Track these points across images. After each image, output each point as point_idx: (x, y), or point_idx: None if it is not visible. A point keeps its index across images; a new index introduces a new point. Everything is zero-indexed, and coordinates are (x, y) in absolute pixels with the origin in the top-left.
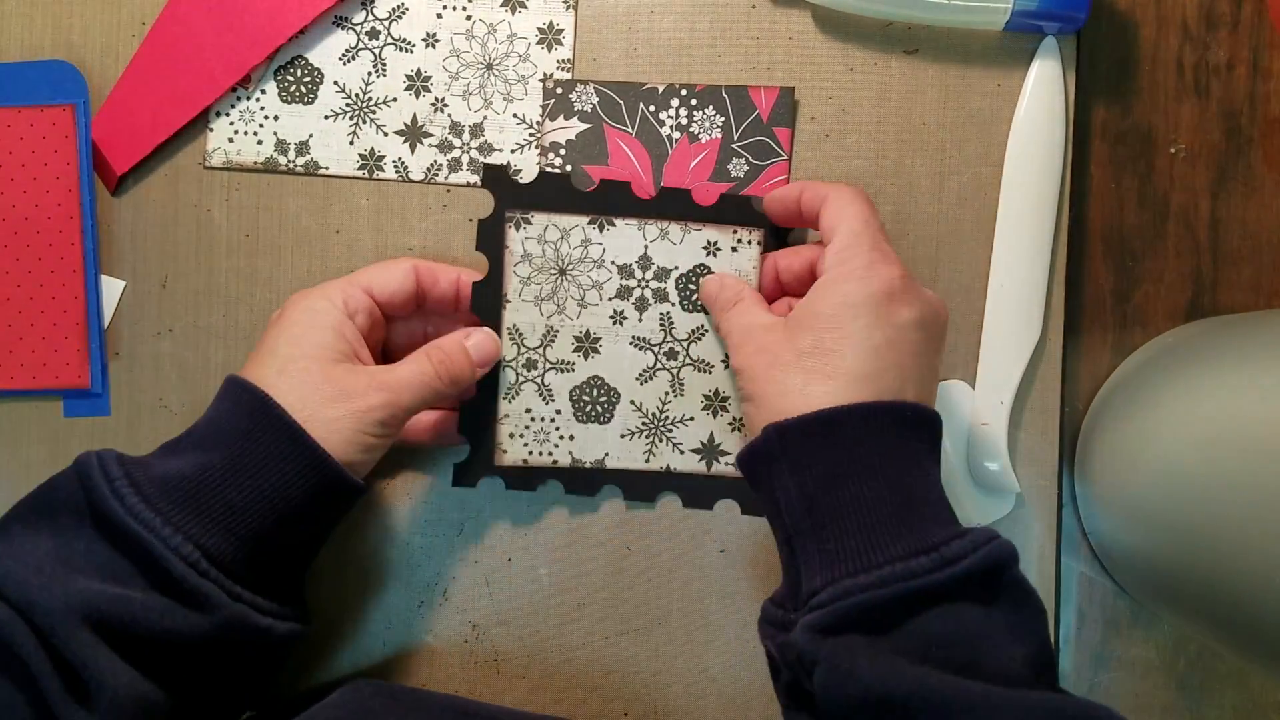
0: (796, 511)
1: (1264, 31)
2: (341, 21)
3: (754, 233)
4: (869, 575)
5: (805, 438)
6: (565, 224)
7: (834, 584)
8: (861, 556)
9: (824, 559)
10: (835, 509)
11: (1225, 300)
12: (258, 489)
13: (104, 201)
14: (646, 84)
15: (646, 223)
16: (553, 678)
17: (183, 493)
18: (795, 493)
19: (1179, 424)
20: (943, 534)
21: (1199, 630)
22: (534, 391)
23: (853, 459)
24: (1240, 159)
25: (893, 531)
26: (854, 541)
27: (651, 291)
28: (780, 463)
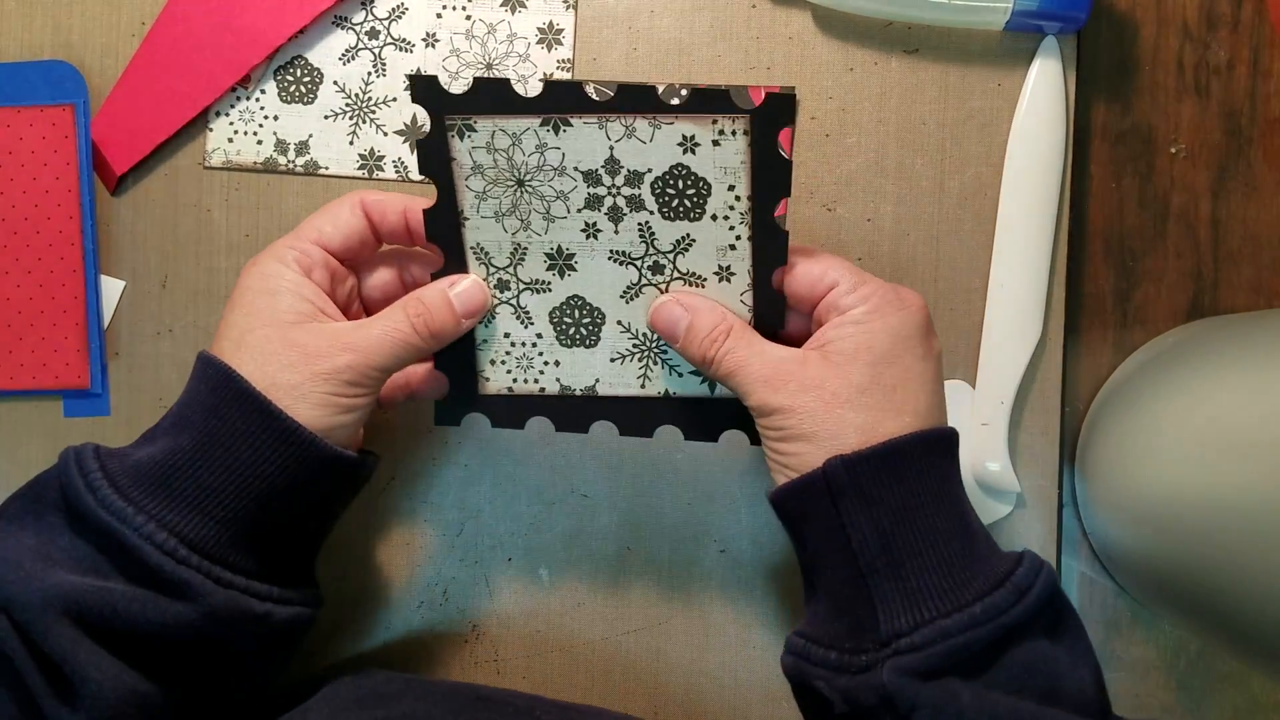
0: (872, 549)
1: (1264, 31)
2: (341, 21)
3: (737, 121)
4: (962, 615)
5: (876, 471)
6: (514, 128)
7: (925, 625)
8: (949, 596)
9: (908, 599)
10: (912, 545)
11: (1226, 300)
12: (230, 467)
13: (104, 201)
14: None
15: (608, 119)
16: (553, 678)
17: (155, 479)
18: (870, 529)
19: (1179, 424)
20: (1004, 563)
21: (1199, 631)
22: (510, 314)
23: (923, 491)
24: (1240, 159)
25: (969, 565)
26: (936, 578)
27: (625, 199)
28: (850, 498)
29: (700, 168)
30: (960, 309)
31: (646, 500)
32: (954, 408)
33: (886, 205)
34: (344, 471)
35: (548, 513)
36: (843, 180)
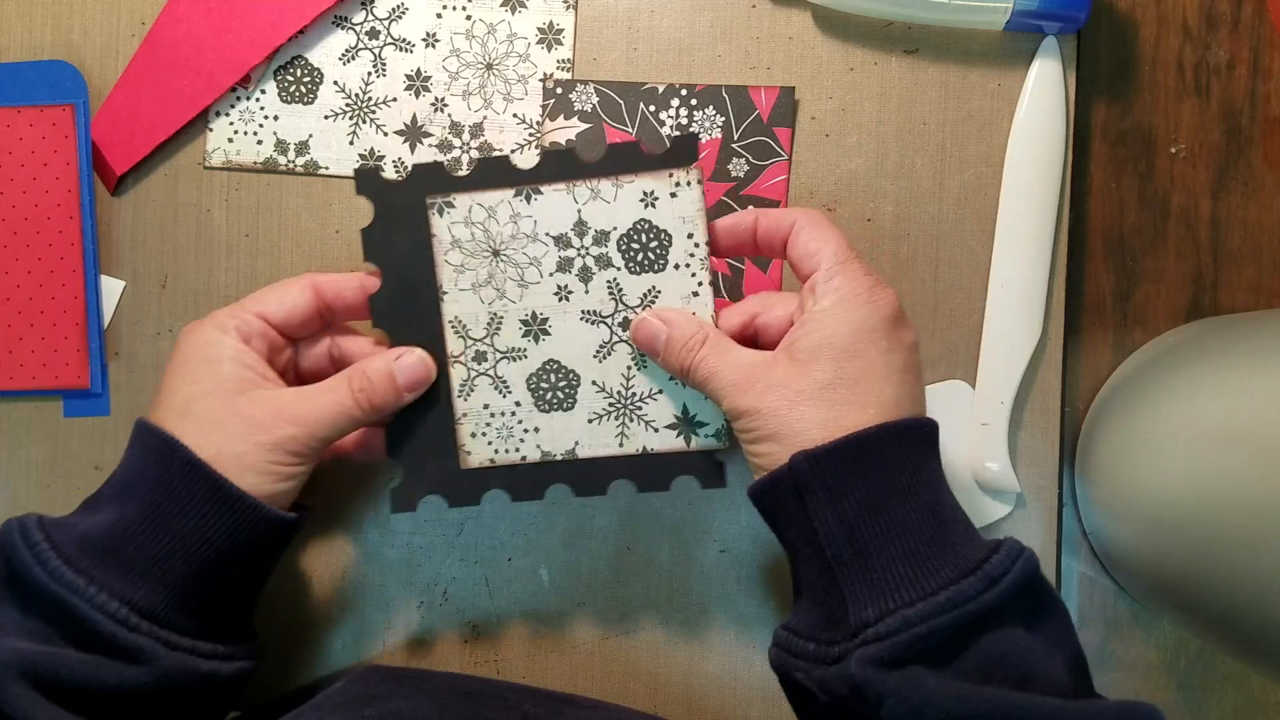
0: (838, 541)
1: (1264, 31)
2: (341, 21)
3: (691, 172)
4: (926, 603)
5: (841, 465)
6: (490, 201)
7: (890, 615)
8: (914, 585)
9: (874, 589)
10: (879, 536)
11: (1225, 300)
12: (178, 536)
13: (104, 201)
14: (646, 84)
15: (575, 185)
16: (553, 678)
17: (103, 549)
18: (835, 522)
19: (1179, 424)
20: (978, 551)
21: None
22: (489, 385)
23: (890, 482)
24: (1240, 159)
25: (938, 555)
26: (903, 568)
27: (594, 259)
28: (816, 493)
29: (660, 220)
30: (960, 309)
31: (646, 500)
32: (954, 407)
33: (886, 205)
34: (285, 533)
35: (547, 513)
36: (843, 180)
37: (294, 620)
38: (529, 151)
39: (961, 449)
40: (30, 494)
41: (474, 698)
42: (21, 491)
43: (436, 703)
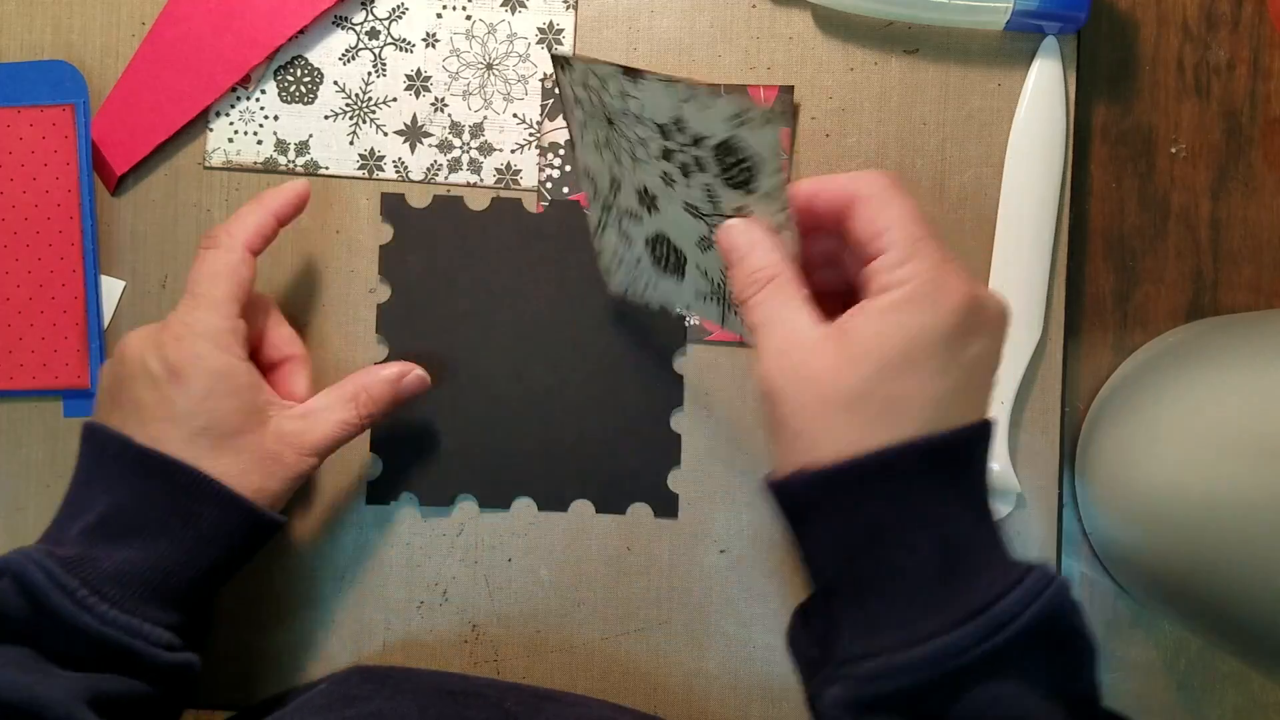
0: (834, 567)
1: (1264, 31)
2: (341, 21)
3: (782, 109)
4: (911, 651)
5: (846, 490)
6: (601, 70)
7: (873, 658)
8: (907, 627)
9: (865, 624)
10: (876, 570)
11: (1226, 300)
12: (211, 562)
13: (104, 201)
14: None
15: (675, 82)
16: (553, 678)
17: (146, 586)
18: (832, 547)
19: (1180, 424)
20: (992, 589)
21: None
22: (615, 233)
23: (899, 511)
24: (1241, 159)
25: (940, 595)
26: (898, 607)
27: (692, 159)
28: (816, 511)
29: (752, 143)
30: None
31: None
32: None
33: None
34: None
35: (547, 513)
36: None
37: (294, 621)
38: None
39: None
40: (30, 494)
41: (456, 697)
42: (22, 492)
43: (418, 702)
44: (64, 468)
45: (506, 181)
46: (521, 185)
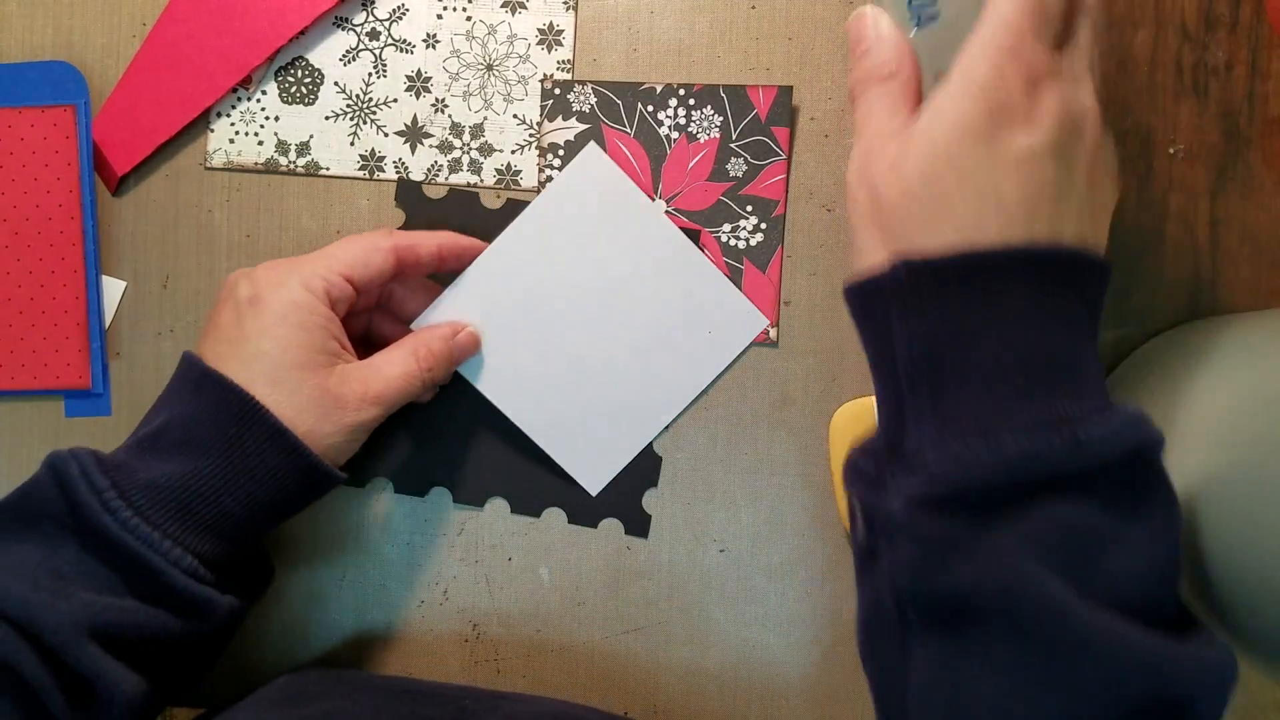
0: (917, 364)
1: (1263, 32)
2: (342, 22)
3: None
4: (989, 450)
5: (939, 284)
6: None
7: (945, 452)
8: (981, 419)
9: (938, 418)
10: (959, 365)
11: (1224, 300)
12: (252, 496)
13: (105, 202)
14: (644, 84)
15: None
16: (553, 678)
17: (175, 502)
18: (918, 345)
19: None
20: (1083, 405)
21: None
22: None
23: (990, 312)
24: (1239, 159)
25: (1023, 395)
26: (975, 405)
27: None
28: (904, 307)
29: None
30: None
31: (646, 500)
32: None
33: None
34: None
35: (548, 513)
36: (842, 181)
37: (294, 620)
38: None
39: None
40: None
41: (413, 695)
42: None
43: (373, 701)
44: None
45: (507, 182)
46: (521, 186)
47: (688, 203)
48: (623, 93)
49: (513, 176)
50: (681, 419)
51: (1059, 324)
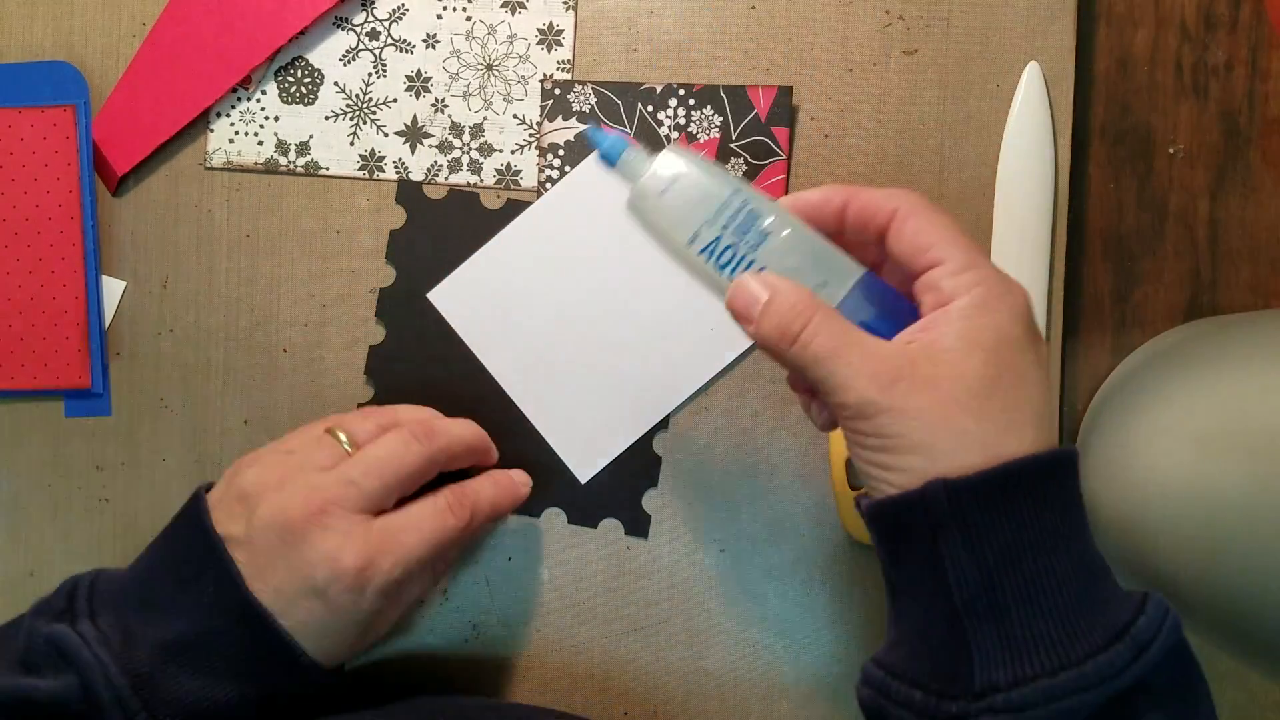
0: (972, 589)
1: (1262, 32)
2: (342, 22)
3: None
4: (1071, 673)
5: (987, 501)
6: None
7: (1027, 683)
8: (1058, 650)
9: (1010, 649)
10: (1021, 589)
11: (1224, 300)
12: (260, 707)
13: (105, 202)
14: (644, 84)
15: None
16: (553, 678)
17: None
18: (972, 568)
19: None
20: (1124, 611)
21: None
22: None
23: (1039, 526)
24: (1239, 159)
25: (1085, 615)
26: (1046, 628)
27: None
28: (949, 529)
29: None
30: None
31: (646, 500)
32: None
33: None
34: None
35: (548, 513)
36: (841, 181)
37: None
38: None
39: None
40: (31, 494)
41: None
42: (22, 492)
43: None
44: (65, 468)
45: (506, 182)
46: (521, 186)
47: None
48: (623, 93)
49: (512, 177)
50: (681, 419)
51: (1084, 524)
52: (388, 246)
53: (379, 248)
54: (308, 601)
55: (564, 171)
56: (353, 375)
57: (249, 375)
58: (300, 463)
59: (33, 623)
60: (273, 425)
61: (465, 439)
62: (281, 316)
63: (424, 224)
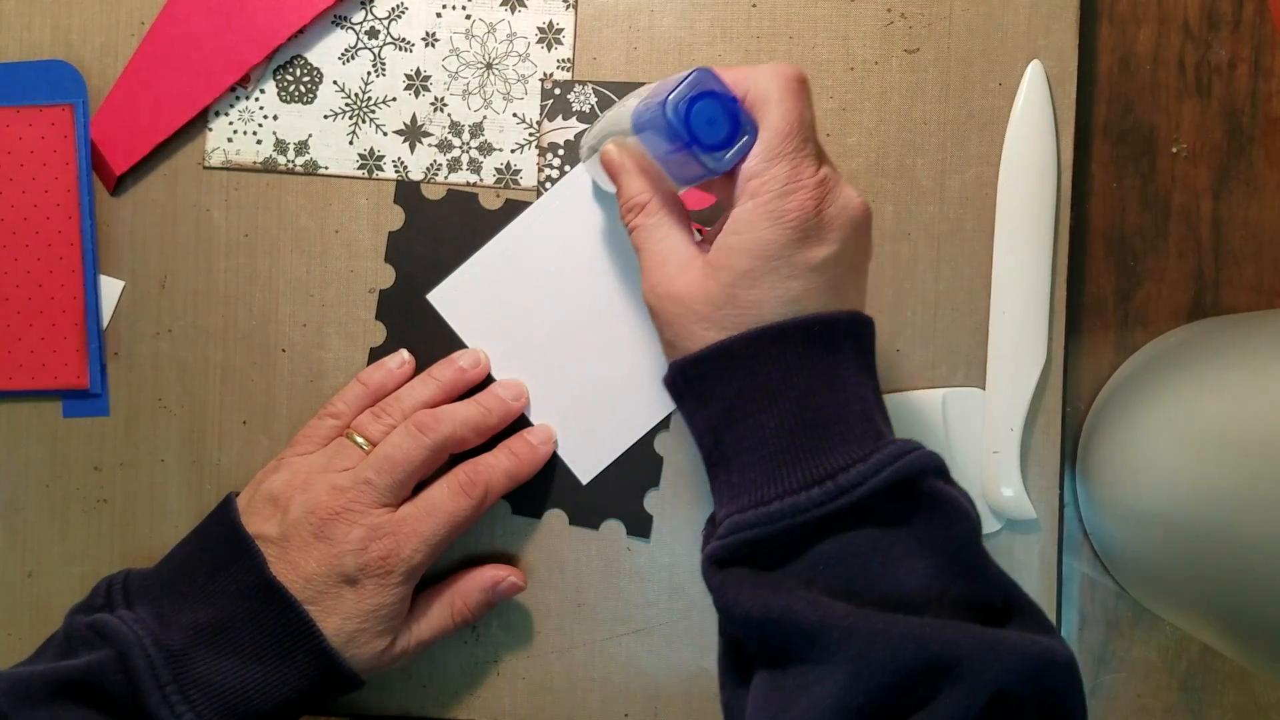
0: (706, 444)
1: (1265, 31)
2: (341, 21)
3: None
4: (757, 511)
5: (704, 374)
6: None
7: (728, 517)
8: (757, 490)
9: (728, 491)
10: (736, 443)
11: (1227, 300)
12: (286, 697)
13: (103, 201)
14: (645, 83)
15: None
16: (553, 678)
17: (224, 703)
18: (703, 427)
19: (1181, 424)
20: (846, 456)
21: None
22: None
23: (752, 388)
24: (1242, 158)
25: (790, 462)
26: (753, 475)
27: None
28: (687, 399)
29: None
30: (962, 309)
31: (648, 501)
32: (968, 415)
33: (887, 205)
34: None
35: (548, 514)
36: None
37: None
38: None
39: (973, 475)
40: (30, 494)
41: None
42: (22, 492)
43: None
44: (63, 468)
45: (506, 181)
46: (521, 185)
47: (688, 203)
48: (623, 92)
49: (512, 176)
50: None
51: (821, 382)
52: (386, 248)
53: (378, 247)
54: (337, 589)
55: (564, 171)
56: (352, 376)
57: (248, 375)
58: (323, 465)
59: (71, 619)
60: (272, 425)
61: (471, 421)
62: (280, 316)
63: (422, 224)
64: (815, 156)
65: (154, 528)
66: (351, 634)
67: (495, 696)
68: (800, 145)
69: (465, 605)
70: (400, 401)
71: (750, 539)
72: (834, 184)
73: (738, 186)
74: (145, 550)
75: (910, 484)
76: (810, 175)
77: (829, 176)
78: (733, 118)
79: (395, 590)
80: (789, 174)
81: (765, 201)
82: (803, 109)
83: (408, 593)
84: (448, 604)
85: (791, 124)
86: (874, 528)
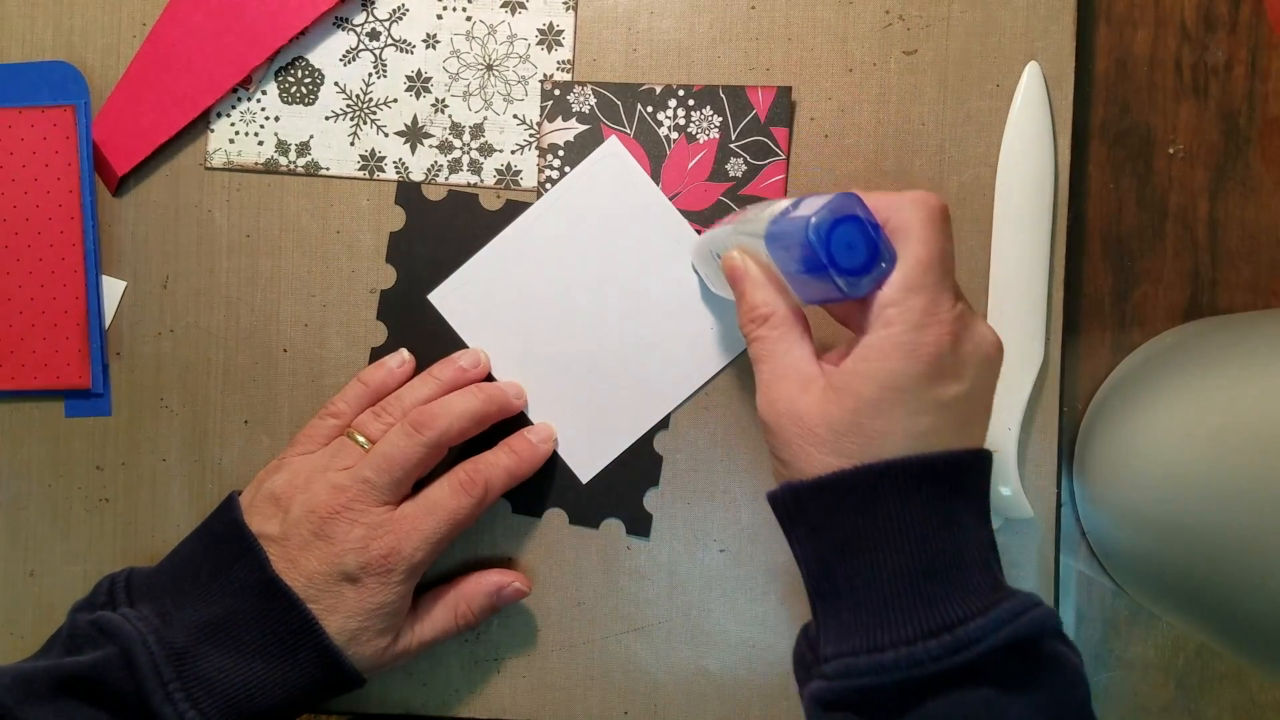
0: (814, 573)
1: (1262, 32)
2: (342, 22)
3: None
4: (871, 658)
5: (819, 502)
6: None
7: (840, 659)
8: (871, 634)
9: (838, 628)
10: (849, 579)
11: (1224, 300)
12: (288, 694)
13: (105, 202)
14: (644, 84)
15: None
16: (553, 678)
17: (229, 701)
18: (812, 556)
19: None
20: (966, 608)
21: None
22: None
23: (871, 525)
24: (1239, 159)
25: (907, 608)
26: (865, 615)
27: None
28: (799, 525)
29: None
30: None
31: (647, 500)
32: None
33: None
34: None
35: (548, 513)
36: (842, 181)
37: None
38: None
39: None
40: (31, 494)
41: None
42: (22, 492)
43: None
44: (65, 468)
45: (507, 182)
46: (521, 186)
47: (687, 203)
48: (622, 93)
49: (513, 177)
50: (682, 419)
51: (940, 525)
52: (388, 248)
53: (379, 248)
54: (338, 586)
55: (564, 172)
56: (353, 376)
57: (249, 375)
58: (324, 464)
59: (74, 617)
60: (273, 425)
61: (469, 411)
62: (282, 317)
63: (423, 225)
64: (953, 291)
65: (156, 527)
66: (354, 632)
67: (495, 694)
68: (940, 278)
69: (469, 608)
70: (401, 400)
71: (861, 686)
72: (970, 320)
73: (871, 313)
74: (147, 549)
75: (1031, 645)
76: (948, 310)
77: (965, 312)
78: (872, 244)
79: (397, 588)
80: (927, 307)
81: (900, 332)
82: (944, 242)
83: (409, 591)
84: (451, 606)
85: (933, 256)
86: (990, 688)
